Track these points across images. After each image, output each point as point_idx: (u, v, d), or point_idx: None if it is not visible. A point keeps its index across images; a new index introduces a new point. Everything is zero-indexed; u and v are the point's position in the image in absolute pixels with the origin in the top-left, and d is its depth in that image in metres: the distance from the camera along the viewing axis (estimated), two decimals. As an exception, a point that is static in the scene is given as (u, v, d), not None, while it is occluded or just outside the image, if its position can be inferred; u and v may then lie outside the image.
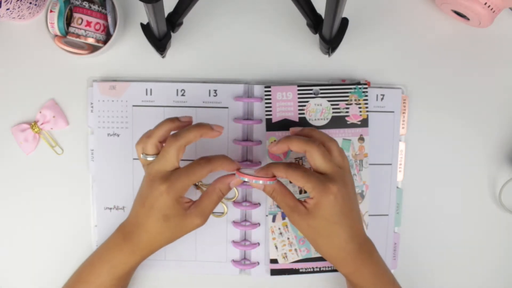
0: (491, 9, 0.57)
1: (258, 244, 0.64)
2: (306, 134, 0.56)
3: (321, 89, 0.62)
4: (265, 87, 0.61)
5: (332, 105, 0.62)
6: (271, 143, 0.59)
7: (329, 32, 0.54)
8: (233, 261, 0.64)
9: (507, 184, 0.64)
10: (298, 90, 0.61)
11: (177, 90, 0.63)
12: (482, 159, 0.66)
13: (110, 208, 0.64)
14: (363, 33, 0.64)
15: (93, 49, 0.62)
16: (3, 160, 0.65)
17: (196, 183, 0.60)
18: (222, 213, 0.63)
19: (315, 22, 0.57)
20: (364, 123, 0.62)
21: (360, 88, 0.62)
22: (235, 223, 0.64)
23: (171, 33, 0.58)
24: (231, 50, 0.64)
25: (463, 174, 0.66)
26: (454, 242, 0.66)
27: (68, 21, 0.61)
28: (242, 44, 0.64)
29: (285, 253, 0.63)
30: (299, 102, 0.61)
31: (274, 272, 0.63)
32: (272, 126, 0.61)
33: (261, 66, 0.64)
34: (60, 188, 0.65)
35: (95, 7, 0.60)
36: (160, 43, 0.57)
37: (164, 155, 0.53)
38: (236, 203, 0.63)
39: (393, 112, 0.63)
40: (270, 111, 0.61)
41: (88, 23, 0.60)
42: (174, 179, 0.52)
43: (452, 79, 0.65)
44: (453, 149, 0.65)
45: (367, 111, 0.62)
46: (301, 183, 0.52)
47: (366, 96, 0.62)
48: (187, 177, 0.53)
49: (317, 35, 0.59)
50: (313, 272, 0.63)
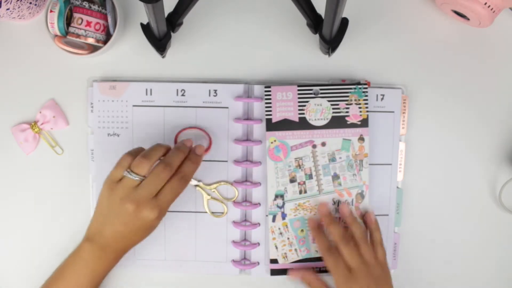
0: (491, 9, 0.57)
1: (258, 244, 0.64)
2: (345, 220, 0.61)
3: (321, 89, 0.62)
4: (265, 87, 0.61)
5: (332, 105, 0.62)
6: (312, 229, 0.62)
7: (329, 32, 0.54)
8: (233, 261, 0.64)
9: (507, 184, 0.64)
10: (298, 90, 0.61)
11: (177, 90, 0.63)
12: (482, 159, 0.66)
13: (110, 208, 0.64)
14: (363, 33, 0.64)
15: (93, 49, 0.62)
16: (3, 160, 0.65)
17: (197, 183, 0.62)
18: (222, 213, 0.63)
19: (315, 22, 0.57)
20: (364, 123, 0.62)
21: (360, 88, 0.62)
22: (235, 223, 0.64)
23: (171, 33, 0.58)
24: (231, 50, 0.64)
25: (463, 174, 0.66)
26: (454, 242, 0.66)
27: (68, 21, 0.61)
28: (242, 44, 0.64)
29: (285, 253, 0.63)
30: (299, 102, 0.61)
31: (274, 272, 0.63)
32: (272, 126, 0.61)
33: (261, 66, 0.64)
34: (60, 188, 0.65)
35: (95, 7, 0.60)
36: (160, 43, 0.57)
37: (156, 182, 0.53)
38: (236, 203, 0.63)
39: (393, 112, 0.63)
40: (270, 111, 0.61)
41: (88, 23, 0.60)
42: (163, 203, 0.54)
43: (452, 79, 0.65)
44: (453, 149, 0.66)
45: (367, 111, 0.62)
46: (330, 271, 0.58)
47: (366, 96, 0.62)
48: (174, 198, 0.55)
49: (317, 35, 0.59)
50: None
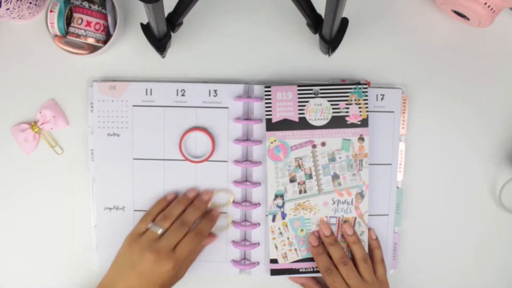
0: (491, 9, 0.57)
1: (258, 244, 0.64)
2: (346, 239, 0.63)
3: (321, 89, 0.62)
4: (265, 87, 0.61)
5: (332, 105, 0.62)
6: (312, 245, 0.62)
7: (329, 32, 0.54)
8: (233, 261, 0.64)
9: (507, 184, 0.64)
10: (298, 90, 0.61)
11: (177, 90, 0.63)
12: (482, 159, 0.66)
13: (110, 208, 0.64)
14: (363, 33, 0.64)
15: (93, 49, 0.62)
16: (3, 160, 0.65)
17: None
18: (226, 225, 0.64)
19: (315, 22, 0.57)
20: (364, 123, 0.62)
21: (360, 88, 0.62)
22: (235, 223, 0.64)
23: (171, 33, 0.58)
24: (231, 50, 0.64)
25: (463, 174, 0.66)
26: (454, 242, 0.66)
27: (68, 21, 0.61)
28: (242, 44, 0.64)
29: (285, 253, 0.63)
30: (299, 102, 0.61)
31: (274, 272, 0.63)
32: (272, 126, 0.61)
33: (261, 66, 0.64)
34: (60, 188, 0.65)
35: (95, 7, 0.60)
36: (160, 43, 0.57)
37: (175, 236, 0.57)
38: (236, 203, 0.63)
39: (393, 112, 0.63)
40: (270, 111, 0.61)
41: (88, 23, 0.60)
42: (180, 256, 0.57)
43: (452, 79, 0.65)
44: (453, 149, 0.66)
45: (367, 111, 0.62)
46: None
47: (366, 96, 0.62)
48: (190, 251, 0.58)
49: (317, 35, 0.59)
50: (313, 272, 0.63)
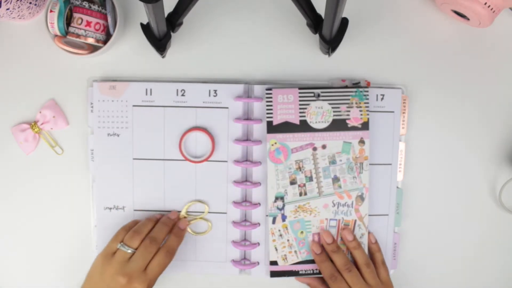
0: (491, 9, 0.57)
1: (258, 244, 0.64)
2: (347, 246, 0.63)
3: (322, 92, 0.61)
4: (266, 89, 0.61)
5: (333, 108, 0.61)
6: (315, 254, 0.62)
7: (329, 32, 0.54)
8: (233, 261, 0.64)
9: (507, 184, 0.64)
10: (299, 92, 0.61)
11: (177, 90, 0.63)
12: (482, 159, 0.66)
13: (110, 208, 0.64)
14: (363, 33, 0.64)
15: (93, 49, 0.62)
16: (3, 160, 0.65)
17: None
18: (206, 230, 0.64)
19: (315, 22, 0.56)
20: (365, 126, 0.62)
21: (361, 91, 0.61)
22: (235, 223, 0.64)
23: (171, 33, 0.58)
24: (231, 50, 0.64)
25: (463, 174, 0.66)
26: (454, 242, 0.66)
27: (68, 21, 0.61)
28: (242, 44, 0.64)
29: (285, 255, 0.63)
30: (300, 104, 0.61)
31: (274, 274, 0.63)
32: (273, 128, 0.61)
33: (261, 66, 0.64)
34: (60, 188, 0.65)
35: (95, 7, 0.60)
36: (160, 43, 0.57)
37: (145, 256, 0.56)
38: (236, 203, 0.63)
39: (393, 112, 0.63)
40: (271, 113, 0.61)
41: (88, 23, 0.60)
42: (152, 277, 0.56)
43: (452, 79, 0.65)
44: (453, 149, 0.65)
45: (367, 114, 0.62)
46: None
47: (367, 99, 0.61)
48: (162, 270, 0.57)
49: (317, 35, 0.58)
50: (313, 274, 0.63)
